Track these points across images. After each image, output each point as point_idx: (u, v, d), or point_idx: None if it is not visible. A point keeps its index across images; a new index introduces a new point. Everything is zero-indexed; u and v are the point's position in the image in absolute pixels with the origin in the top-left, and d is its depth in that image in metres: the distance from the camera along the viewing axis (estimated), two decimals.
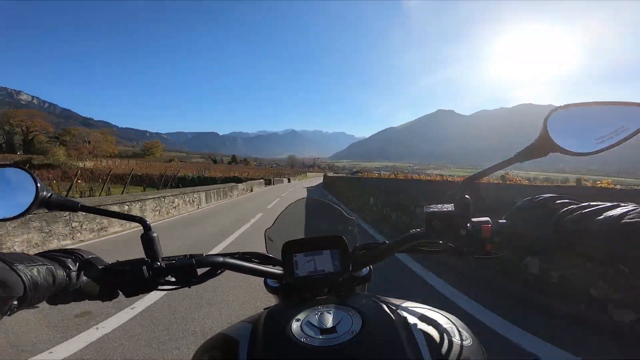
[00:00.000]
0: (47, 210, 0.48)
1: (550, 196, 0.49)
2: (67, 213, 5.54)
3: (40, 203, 0.45)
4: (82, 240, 5.78)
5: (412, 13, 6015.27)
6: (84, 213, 0.61)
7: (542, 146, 0.46)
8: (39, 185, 0.45)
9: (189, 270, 0.53)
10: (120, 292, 0.51)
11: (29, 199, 0.44)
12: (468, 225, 0.53)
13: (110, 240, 6.05)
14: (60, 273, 0.42)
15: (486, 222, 0.52)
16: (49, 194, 0.46)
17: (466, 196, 0.52)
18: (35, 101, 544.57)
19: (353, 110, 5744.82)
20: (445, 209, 0.54)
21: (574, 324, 2.28)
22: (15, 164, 0.45)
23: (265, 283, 0.71)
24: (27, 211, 0.44)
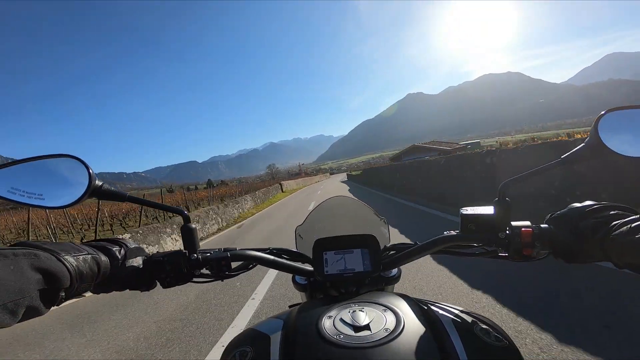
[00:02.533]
0: (97, 199, 0.48)
1: (602, 205, 0.45)
2: None
3: (92, 192, 0.46)
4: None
5: (359, 3, 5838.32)
6: None
7: (592, 149, 0.44)
8: (91, 174, 0.46)
9: (224, 263, 0.54)
10: (158, 283, 0.52)
11: (82, 187, 0.45)
12: (507, 229, 0.51)
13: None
14: (105, 262, 0.44)
15: (527, 226, 0.49)
16: (101, 184, 0.47)
17: (507, 199, 0.51)
18: None
19: (327, 110, 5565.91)
20: (484, 212, 0.52)
21: None
22: (70, 155, 0.46)
23: (294, 280, 0.71)
24: (80, 199, 0.45)
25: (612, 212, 0.44)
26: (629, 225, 0.39)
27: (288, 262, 0.60)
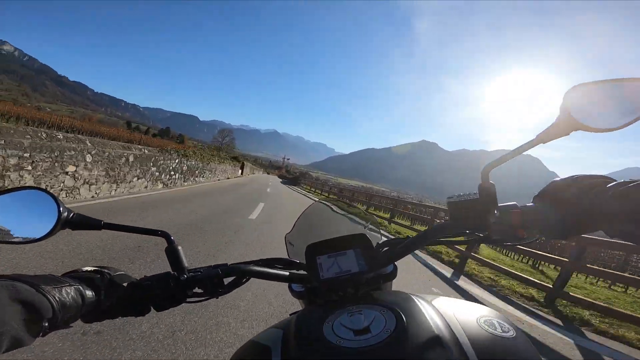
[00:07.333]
0: (72, 230, 0.48)
1: (583, 175, 0.47)
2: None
3: (64, 223, 0.45)
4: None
5: (418, 37, 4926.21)
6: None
7: (564, 125, 0.45)
8: (60, 205, 0.45)
9: (216, 281, 0.53)
10: (152, 308, 0.51)
11: (52, 220, 0.44)
12: (496, 212, 0.50)
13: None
14: (89, 292, 0.42)
15: (514, 206, 0.50)
16: (71, 214, 0.47)
17: (490, 182, 0.50)
18: (16, 53, 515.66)
19: (338, 124, 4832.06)
20: (469, 198, 0.52)
21: None
22: (35, 186, 0.46)
23: (290, 288, 0.68)
24: (51, 232, 0.44)
25: (594, 181, 0.44)
26: (611, 192, 0.40)
27: (283, 271, 0.59)
